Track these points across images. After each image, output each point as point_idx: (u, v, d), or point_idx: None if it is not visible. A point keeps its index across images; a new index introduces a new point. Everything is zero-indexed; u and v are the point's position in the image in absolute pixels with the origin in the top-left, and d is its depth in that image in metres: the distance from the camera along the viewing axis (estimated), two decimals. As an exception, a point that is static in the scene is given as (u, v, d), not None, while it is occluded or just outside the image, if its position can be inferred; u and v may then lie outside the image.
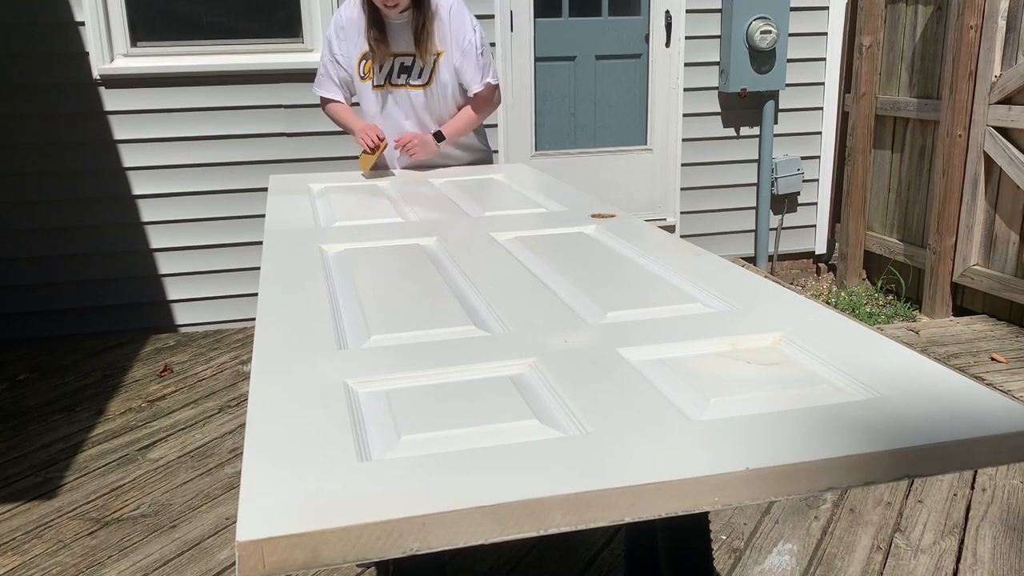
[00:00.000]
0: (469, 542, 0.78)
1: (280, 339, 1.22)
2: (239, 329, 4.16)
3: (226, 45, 4.02)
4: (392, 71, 2.68)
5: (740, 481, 0.83)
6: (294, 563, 0.74)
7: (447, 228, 1.93)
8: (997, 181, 3.88)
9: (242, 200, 4.09)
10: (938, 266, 4.14)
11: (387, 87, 2.70)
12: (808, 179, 4.85)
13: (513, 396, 1.03)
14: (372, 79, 2.70)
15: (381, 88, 2.71)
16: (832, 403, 0.98)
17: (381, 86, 2.70)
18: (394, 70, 2.68)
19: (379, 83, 2.70)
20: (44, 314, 4.01)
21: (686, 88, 4.59)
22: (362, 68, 2.71)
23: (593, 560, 2.26)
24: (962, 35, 3.89)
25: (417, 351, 1.17)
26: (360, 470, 0.85)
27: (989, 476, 2.59)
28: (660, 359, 1.14)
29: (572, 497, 0.79)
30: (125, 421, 3.17)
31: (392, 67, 2.68)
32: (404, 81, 2.69)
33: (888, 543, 2.28)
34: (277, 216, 2.12)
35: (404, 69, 2.68)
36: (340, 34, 2.70)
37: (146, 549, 2.35)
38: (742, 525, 2.37)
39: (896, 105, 4.45)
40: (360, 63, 2.70)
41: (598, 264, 1.63)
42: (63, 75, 3.81)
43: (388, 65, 2.67)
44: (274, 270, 1.60)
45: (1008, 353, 3.54)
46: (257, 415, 0.97)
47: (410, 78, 2.68)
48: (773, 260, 4.94)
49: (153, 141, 3.97)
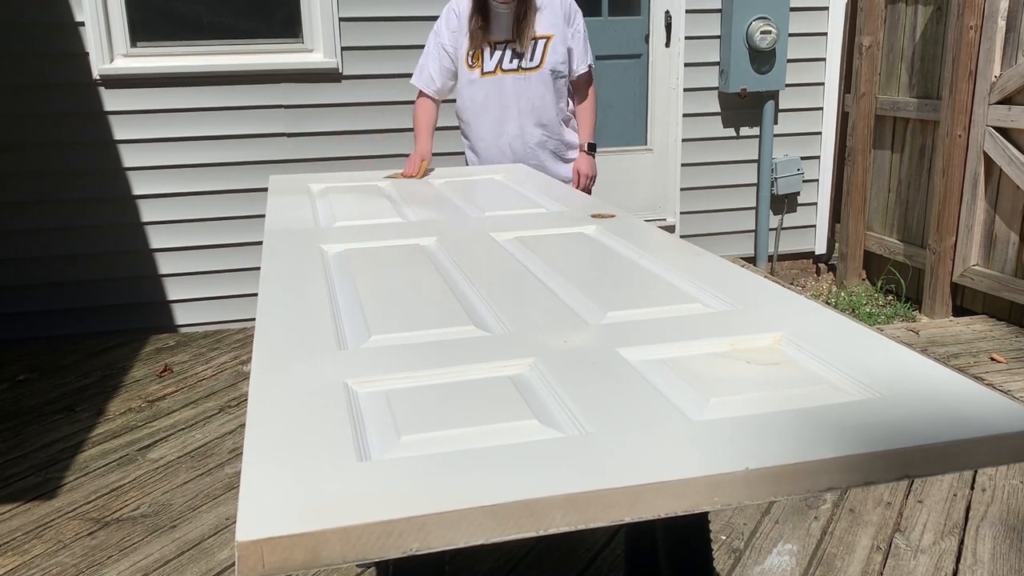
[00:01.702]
0: (469, 542, 0.78)
1: (280, 339, 1.22)
2: (239, 329, 4.16)
3: (226, 45, 4.02)
4: (503, 57, 2.79)
5: (740, 481, 0.83)
6: (294, 563, 0.74)
7: (447, 228, 1.93)
8: (997, 181, 3.88)
9: (242, 200, 4.09)
10: (938, 266, 4.14)
11: (498, 73, 2.80)
12: (808, 179, 4.85)
13: (513, 396, 1.03)
14: (481, 66, 2.81)
15: (492, 74, 2.81)
16: (832, 403, 0.98)
17: (492, 72, 2.80)
18: (505, 56, 2.79)
19: (489, 69, 2.80)
20: (44, 314, 4.01)
21: (686, 88, 4.59)
22: (470, 57, 2.81)
23: (593, 560, 2.26)
24: (962, 35, 3.89)
25: (417, 351, 1.17)
26: (360, 470, 0.84)
27: (989, 476, 2.59)
28: (660, 359, 1.13)
29: (572, 497, 0.79)
30: (125, 421, 3.16)
31: (503, 53, 2.79)
32: (516, 65, 2.79)
33: (888, 543, 2.28)
34: (277, 216, 2.12)
35: (516, 54, 2.79)
36: (454, 23, 2.81)
37: (146, 549, 2.35)
38: (742, 525, 2.37)
39: (896, 105, 4.45)
40: (469, 51, 2.81)
41: (598, 264, 1.63)
42: (63, 75, 3.82)
43: (499, 51, 2.79)
44: (274, 270, 1.60)
45: (1008, 353, 3.54)
46: (257, 415, 0.97)
47: (522, 62, 2.79)
48: (773, 260, 4.94)
49: (153, 141, 3.97)
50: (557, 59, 2.82)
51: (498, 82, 2.82)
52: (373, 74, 4.12)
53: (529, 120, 2.87)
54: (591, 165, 3.01)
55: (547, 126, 2.90)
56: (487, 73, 2.81)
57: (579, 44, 2.85)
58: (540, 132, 2.90)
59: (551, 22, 2.80)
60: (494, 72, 2.80)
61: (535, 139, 2.90)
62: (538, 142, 2.91)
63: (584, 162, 2.99)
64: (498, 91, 2.83)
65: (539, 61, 2.80)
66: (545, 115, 2.88)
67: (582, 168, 2.98)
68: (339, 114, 4.12)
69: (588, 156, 2.99)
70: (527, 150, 2.90)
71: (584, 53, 2.87)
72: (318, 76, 4.07)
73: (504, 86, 2.82)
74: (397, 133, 4.17)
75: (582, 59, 2.87)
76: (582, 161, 2.99)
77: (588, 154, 2.99)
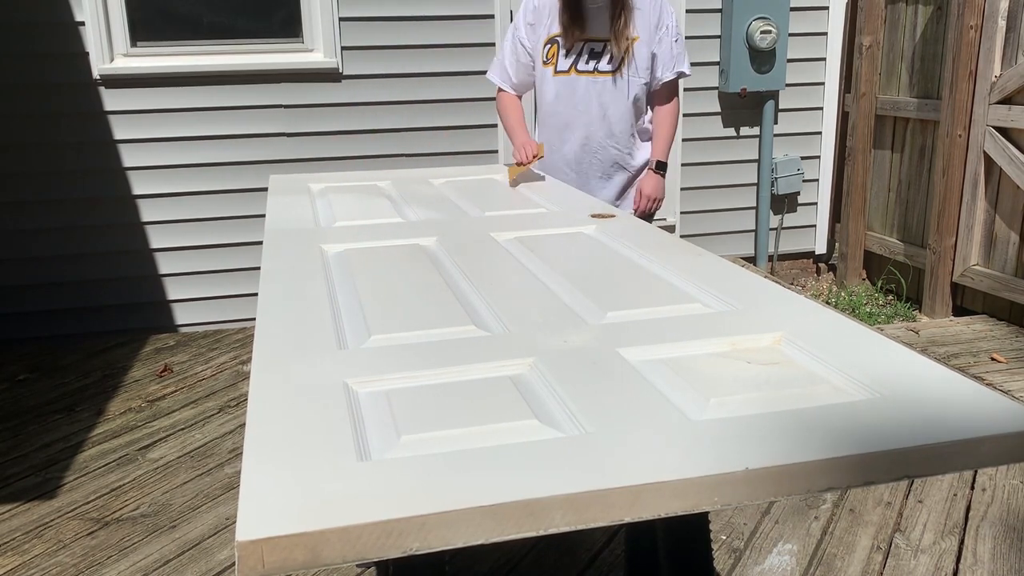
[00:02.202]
0: (469, 542, 0.78)
1: (280, 339, 1.22)
2: (239, 329, 4.16)
3: (226, 45, 4.02)
4: (580, 56, 2.55)
5: (740, 481, 0.83)
6: (294, 563, 0.74)
7: (447, 228, 1.93)
8: (997, 181, 3.88)
9: (242, 200, 4.09)
10: (938, 266, 4.14)
11: (572, 73, 2.56)
12: (808, 179, 4.85)
13: (513, 396, 1.03)
14: (555, 64, 2.58)
15: (565, 74, 2.57)
16: (832, 403, 0.98)
17: (565, 72, 2.57)
18: (582, 55, 2.55)
19: (563, 69, 2.57)
20: (44, 314, 4.01)
21: (686, 88, 4.59)
22: (546, 53, 2.59)
23: (593, 560, 2.26)
24: (962, 35, 3.89)
25: (417, 351, 1.17)
26: (360, 470, 0.84)
27: (989, 476, 2.59)
28: (660, 359, 1.13)
29: (572, 497, 0.79)
30: (125, 421, 3.16)
31: (580, 52, 2.54)
32: (592, 67, 2.55)
33: (888, 543, 2.28)
34: (277, 216, 2.12)
35: (594, 55, 2.54)
36: (531, 17, 2.59)
37: (146, 549, 2.35)
38: (742, 525, 2.37)
39: (896, 105, 4.45)
40: (545, 47, 2.58)
41: (598, 264, 1.63)
42: (63, 75, 3.81)
43: (576, 50, 2.54)
44: (274, 270, 1.60)
45: (1008, 353, 3.54)
46: (257, 415, 0.97)
47: (599, 64, 2.54)
48: (773, 260, 4.94)
49: (153, 141, 3.97)
50: (639, 64, 2.55)
51: (570, 83, 2.58)
52: (373, 74, 4.12)
53: (599, 129, 2.60)
54: (659, 187, 2.67)
55: (617, 138, 2.62)
56: (560, 72, 2.57)
57: (665, 49, 2.57)
58: (609, 144, 2.62)
59: (638, 23, 2.54)
60: (567, 72, 2.56)
61: (601, 151, 2.62)
62: (603, 155, 2.63)
63: (651, 182, 2.66)
64: (569, 93, 2.58)
65: (617, 65, 2.53)
66: (617, 126, 2.60)
67: (647, 188, 2.66)
68: (339, 114, 4.12)
69: (656, 176, 2.67)
70: (591, 161, 2.64)
71: (671, 59, 2.59)
72: (318, 76, 4.07)
73: (576, 88, 2.57)
74: (397, 133, 4.18)
75: (668, 65, 2.59)
76: (648, 181, 2.66)
77: (657, 173, 2.66)
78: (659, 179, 2.67)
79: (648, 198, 2.67)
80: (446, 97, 4.21)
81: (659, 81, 2.60)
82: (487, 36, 4.19)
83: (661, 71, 2.59)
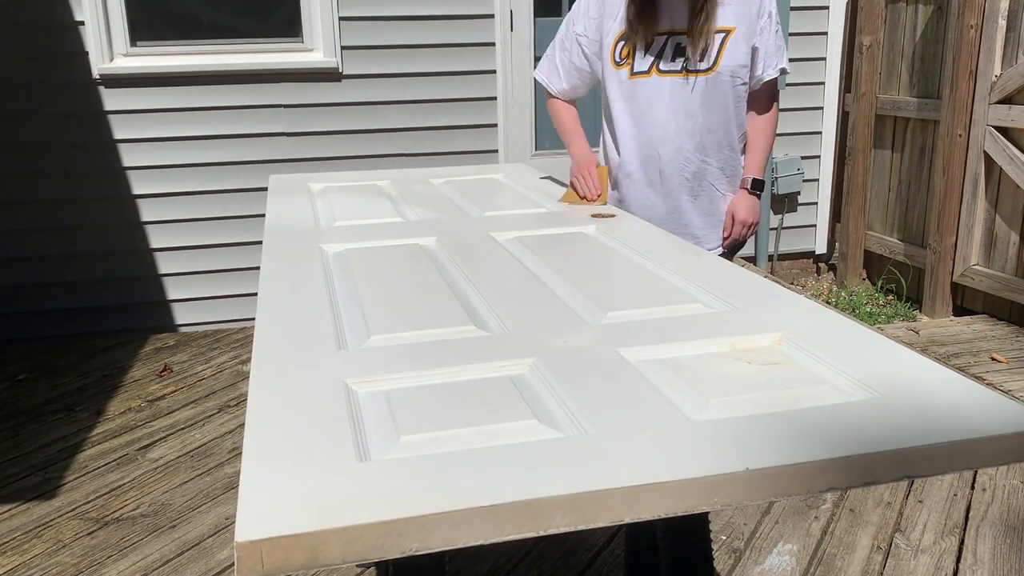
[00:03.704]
0: (469, 542, 0.77)
1: (280, 339, 1.22)
2: (239, 329, 4.16)
3: (226, 44, 4.02)
4: (663, 54, 2.06)
5: (740, 481, 0.83)
6: (293, 563, 0.74)
7: (447, 228, 1.93)
8: (997, 181, 3.88)
9: (242, 200, 4.09)
10: (938, 266, 4.14)
11: (653, 74, 2.07)
12: (808, 179, 4.85)
13: (513, 396, 1.03)
14: (631, 65, 2.09)
15: (644, 75, 2.08)
16: (832, 403, 0.98)
17: (645, 73, 2.08)
18: (666, 53, 2.06)
19: (643, 69, 2.08)
20: (43, 314, 4.01)
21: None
22: (619, 52, 2.10)
23: (593, 560, 2.26)
24: (962, 35, 3.89)
25: (417, 351, 1.17)
26: (359, 470, 0.84)
27: (989, 476, 2.59)
28: (660, 359, 1.13)
29: (572, 497, 0.79)
30: (125, 421, 3.16)
31: (663, 49, 2.06)
32: (680, 67, 2.05)
33: (888, 543, 2.28)
34: (277, 216, 2.12)
35: (680, 51, 2.05)
36: (594, 9, 2.12)
37: (146, 549, 2.35)
38: (742, 525, 2.37)
39: (896, 105, 4.45)
40: (617, 44, 2.10)
41: (598, 264, 1.63)
42: (63, 75, 3.81)
43: (657, 46, 2.06)
44: (274, 270, 1.60)
45: (1008, 353, 3.54)
46: (256, 415, 0.97)
47: (688, 63, 2.04)
48: (773, 260, 4.93)
49: (153, 141, 3.97)
50: (737, 60, 2.06)
51: (652, 87, 2.07)
52: (373, 74, 4.12)
53: (689, 141, 2.09)
54: (753, 209, 2.16)
55: (714, 151, 2.11)
56: (638, 74, 2.07)
57: (768, 41, 2.10)
58: (701, 159, 2.11)
59: (735, 11, 2.05)
60: (648, 73, 2.07)
61: (695, 167, 2.12)
62: (698, 171, 2.12)
63: (745, 205, 2.15)
64: (653, 95, 2.08)
65: (712, 62, 2.04)
66: (713, 136, 2.10)
67: (741, 212, 2.14)
68: (339, 114, 4.12)
69: (752, 197, 2.16)
70: (681, 181, 2.12)
71: (775, 53, 2.11)
72: (318, 76, 4.07)
73: (660, 93, 2.07)
74: (397, 133, 4.18)
75: (771, 61, 2.11)
76: (742, 203, 2.15)
77: (752, 194, 2.16)
78: (754, 201, 2.17)
79: (742, 223, 2.16)
80: (446, 97, 4.21)
81: (759, 80, 2.13)
82: (487, 36, 4.19)
83: (763, 68, 2.11)
